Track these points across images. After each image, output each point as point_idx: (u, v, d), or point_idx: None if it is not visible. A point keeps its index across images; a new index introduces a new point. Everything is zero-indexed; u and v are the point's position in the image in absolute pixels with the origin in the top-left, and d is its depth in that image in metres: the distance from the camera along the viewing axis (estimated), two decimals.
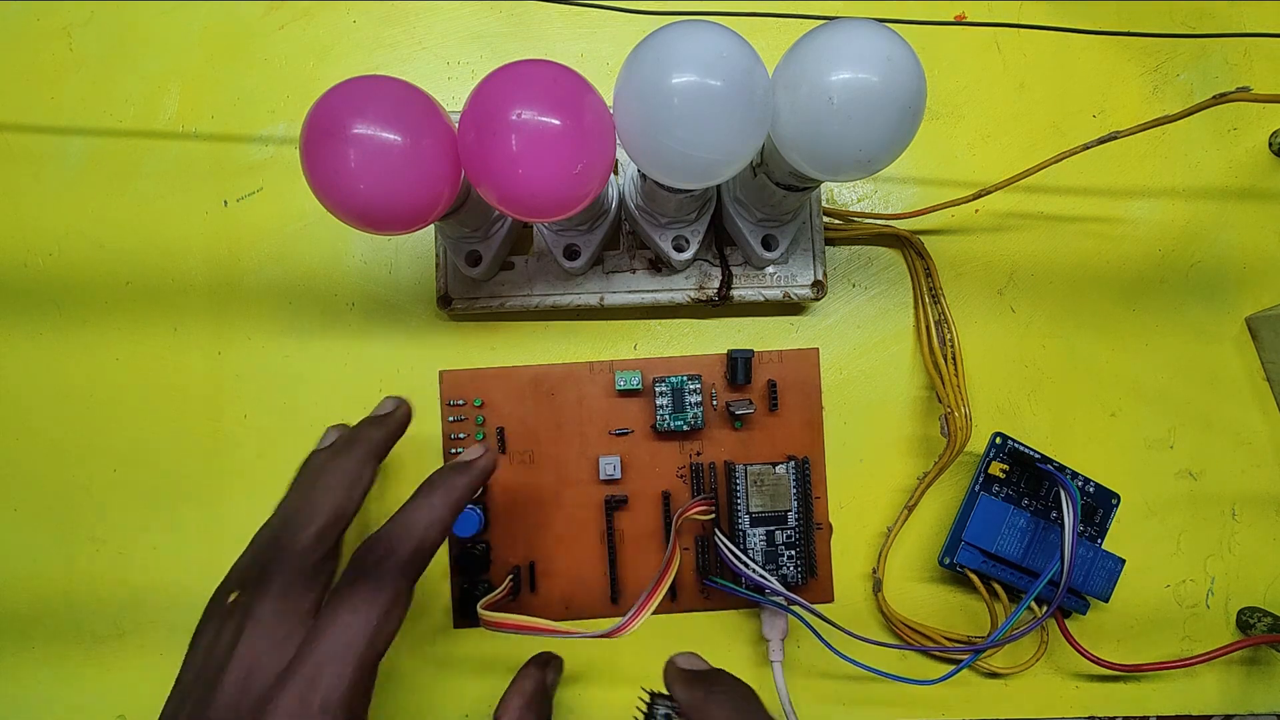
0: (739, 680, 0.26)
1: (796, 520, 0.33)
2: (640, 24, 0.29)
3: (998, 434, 0.34)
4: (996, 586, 0.34)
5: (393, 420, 0.28)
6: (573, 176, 0.25)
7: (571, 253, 0.34)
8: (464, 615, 0.35)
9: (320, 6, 0.38)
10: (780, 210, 0.32)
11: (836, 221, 0.36)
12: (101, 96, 0.38)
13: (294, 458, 0.36)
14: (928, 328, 0.36)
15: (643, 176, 0.31)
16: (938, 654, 0.35)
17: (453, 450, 0.35)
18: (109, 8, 0.38)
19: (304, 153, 0.25)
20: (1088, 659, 0.33)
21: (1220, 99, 0.31)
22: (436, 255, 0.35)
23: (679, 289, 0.35)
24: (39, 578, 0.35)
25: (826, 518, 0.35)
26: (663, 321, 0.36)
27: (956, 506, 0.35)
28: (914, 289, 0.37)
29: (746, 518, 0.32)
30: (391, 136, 0.24)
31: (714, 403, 0.35)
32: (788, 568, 0.33)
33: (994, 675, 0.35)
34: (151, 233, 0.37)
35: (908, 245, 0.36)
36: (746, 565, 0.31)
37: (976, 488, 0.34)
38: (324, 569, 0.23)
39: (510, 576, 0.34)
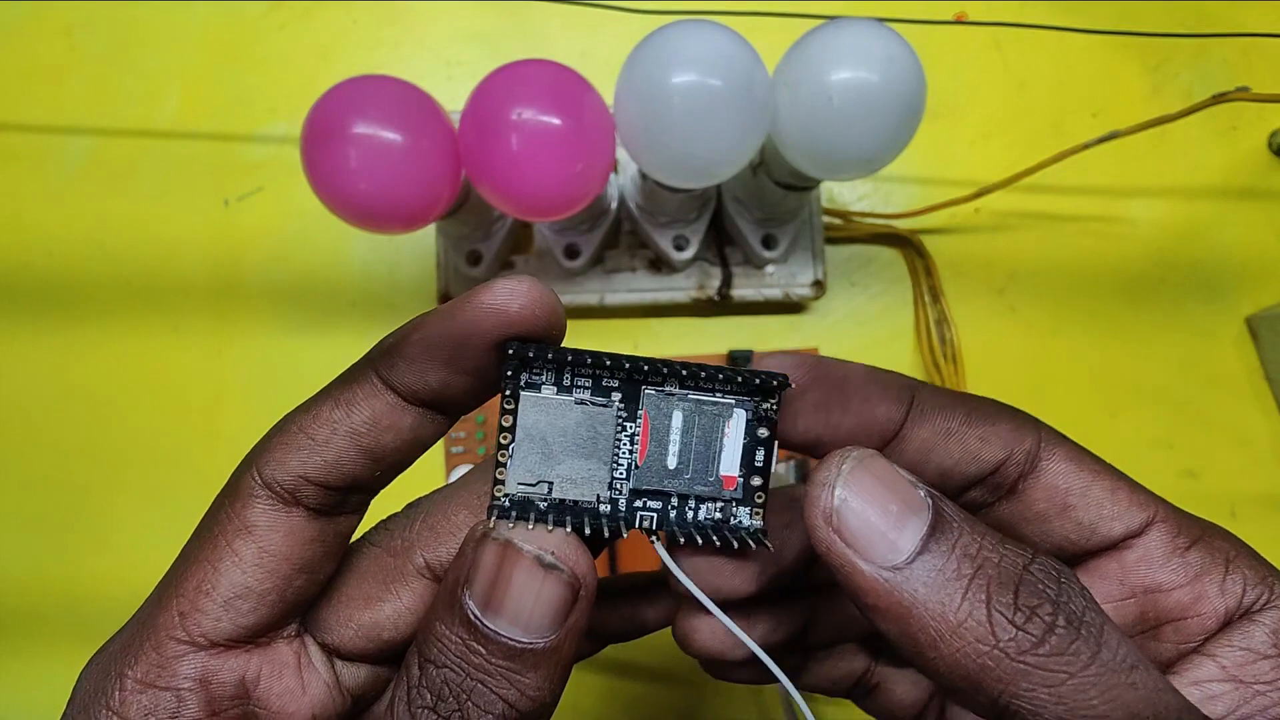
0: None
1: None
2: (640, 24, 0.29)
3: None
4: None
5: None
6: (573, 176, 0.25)
7: (572, 252, 0.34)
8: None
9: (320, 6, 0.38)
10: (780, 210, 0.32)
11: (836, 221, 0.36)
12: (102, 96, 0.38)
13: None
14: (928, 327, 0.36)
15: (643, 176, 0.31)
16: None
17: (452, 449, 0.35)
18: (109, 7, 0.38)
19: (304, 152, 0.25)
20: None
21: (1219, 99, 0.31)
22: (437, 255, 0.35)
23: (679, 288, 0.35)
24: (39, 578, 0.35)
25: None
26: (663, 321, 0.36)
27: None
28: (914, 288, 0.37)
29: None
30: (391, 136, 0.24)
31: None
32: None
33: None
34: (151, 233, 0.37)
35: (908, 245, 0.36)
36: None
37: None
38: None
39: None
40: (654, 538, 0.15)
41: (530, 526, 0.14)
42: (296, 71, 0.38)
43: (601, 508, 0.15)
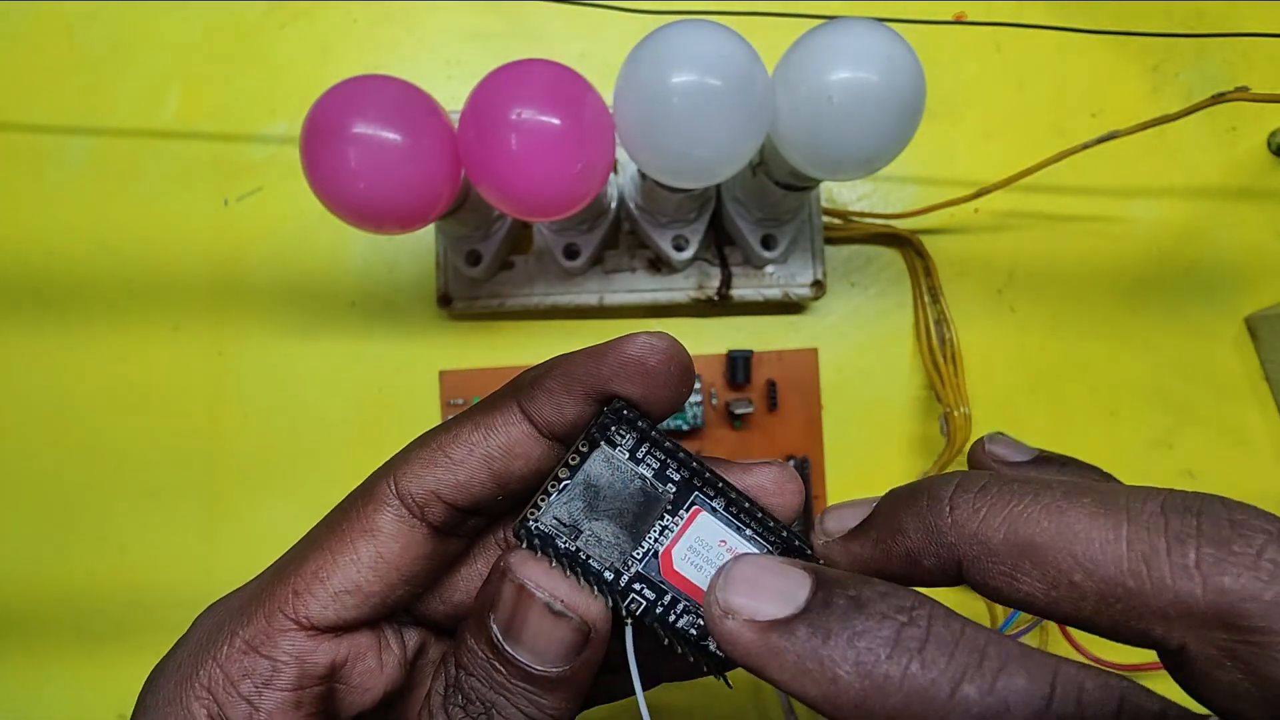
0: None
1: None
2: (640, 24, 0.29)
3: (997, 433, 0.34)
4: None
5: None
6: (573, 176, 0.25)
7: (571, 252, 0.34)
8: None
9: (320, 6, 0.38)
10: (780, 210, 0.32)
11: (836, 221, 0.36)
12: (102, 96, 0.38)
13: (294, 457, 0.36)
14: (927, 327, 0.36)
15: (643, 176, 0.31)
16: None
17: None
18: (110, 7, 0.38)
19: (304, 152, 0.25)
20: (1087, 659, 0.33)
21: (1219, 98, 0.31)
22: (436, 255, 0.35)
23: (679, 288, 0.35)
24: (39, 578, 0.35)
25: None
26: (662, 321, 0.36)
27: None
28: (913, 288, 0.37)
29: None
30: (391, 136, 0.24)
31: (713, 402, 0.35)
32: None
33: None
34: (151, 232, 0.37)
35: (907, 245, 0.36)
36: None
37: None
38: None
39: None
40: (629, 621, 0.16)
41: (551, 565, 0.15)
42: (296, 71, 0.38)
43: (606, 574, 0.16)
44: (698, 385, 0.34)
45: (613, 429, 0.16)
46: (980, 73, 0.38)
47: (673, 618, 0.16)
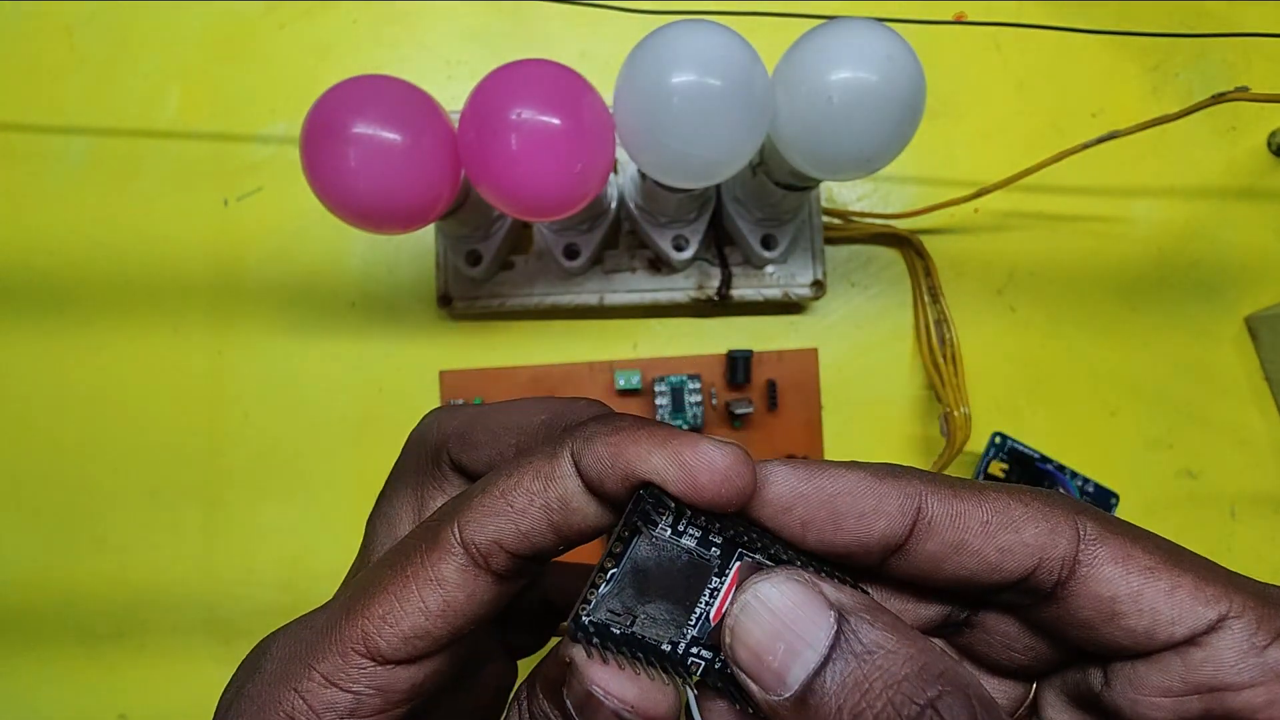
0: None
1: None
2: (640, 24, 0.29)
3: (997, 433, 0.34)
4: None
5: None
6: (573, 176, 0.25)
7: (571, 252, 0.34)
8: None
9: (320, 6, 0.38)
10: (780, 210, 0.32)
11: (836, 221, 0.36)
12: (102, 96, 0.38)
13: (294, 457, 0.36)
14: (927, 327, 0.36)
15: (643, 176, 0.31)
16: None
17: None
18: (110, 7, 0.38)
19: (304, 152, 0.25)
20: None
21: (1219, 98, 0.31)
22: (436, 255, 0.35)
23: (679, 288, 0.35)
24: (39, 578, 0.35)
25: None
26: (662, 321, 0.36)
27: None
28: (913, 288, 0.37)
29: None
30: (391, 136, 0.24)
31: (713, 402, 0.35)
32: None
33: None
34: (151, 233, 0.37)
35: (907, 245, 0.36)
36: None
37: None
38: None
39: None
40: (690, 684, 0.16)
41: (622, 667, 0.15)
42: (296, 71, 0.38)
43: (664, 647, 0.16)
44: (698, 385, 0.34)
45: (653, 514, 0.15)
46: (980, 73, 0.38)
47: (731, 670, 0.16)
